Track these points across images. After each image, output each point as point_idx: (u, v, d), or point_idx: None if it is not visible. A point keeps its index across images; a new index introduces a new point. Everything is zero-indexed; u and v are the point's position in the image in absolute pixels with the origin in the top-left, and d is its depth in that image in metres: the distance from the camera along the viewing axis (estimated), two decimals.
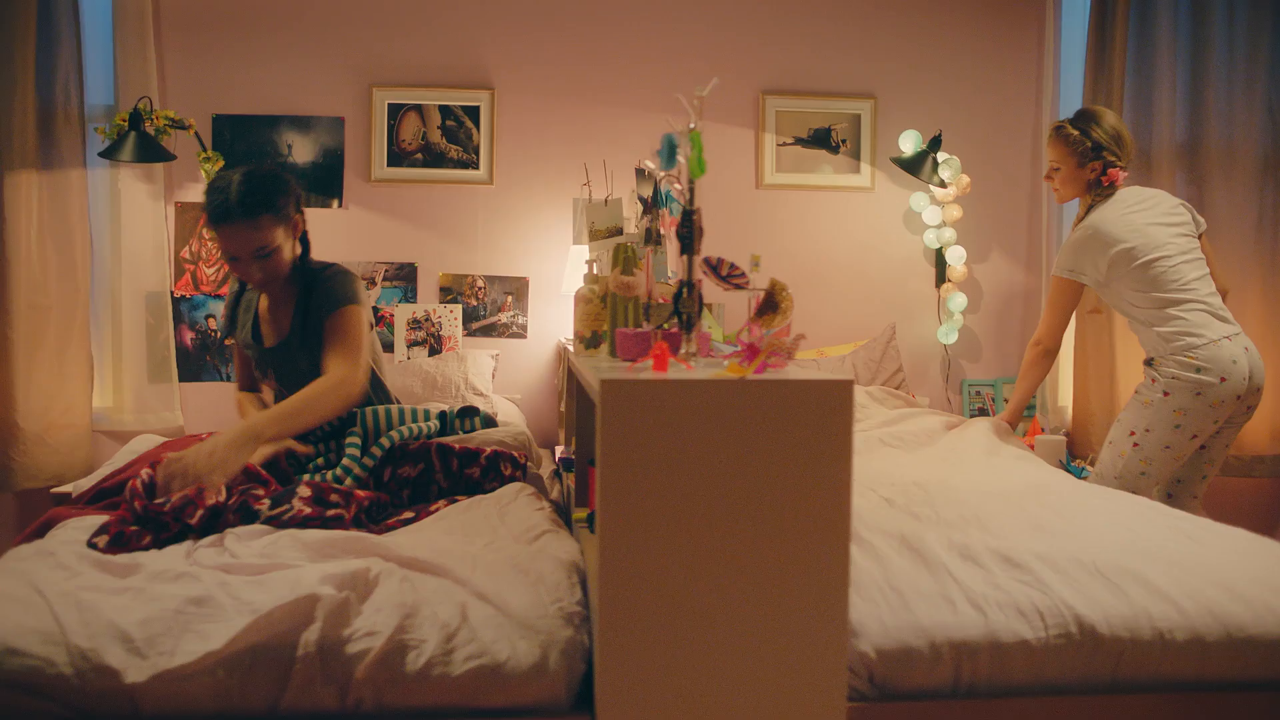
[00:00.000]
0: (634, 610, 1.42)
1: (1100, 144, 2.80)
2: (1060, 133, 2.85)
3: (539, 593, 1.59)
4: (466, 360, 3.39)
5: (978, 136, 3.75)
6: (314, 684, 1.43)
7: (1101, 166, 2.81)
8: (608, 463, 1.42)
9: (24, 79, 3.23)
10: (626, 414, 1.41)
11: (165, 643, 1.41)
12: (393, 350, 3.51)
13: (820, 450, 1.45)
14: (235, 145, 3.47)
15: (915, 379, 3.74)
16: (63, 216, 3.30)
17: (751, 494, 1.43)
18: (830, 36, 3.70)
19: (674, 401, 1.42)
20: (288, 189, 2.29)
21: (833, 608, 1.45)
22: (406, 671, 1.44)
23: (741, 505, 1.43)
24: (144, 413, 3.43)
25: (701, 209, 1.71)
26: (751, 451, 1.43)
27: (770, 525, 1.43)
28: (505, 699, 1.46)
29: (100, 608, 1.46)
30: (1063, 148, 2.85)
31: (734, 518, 1.43)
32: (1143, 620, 1.60)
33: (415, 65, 3.55)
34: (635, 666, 1.42)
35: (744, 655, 1.44)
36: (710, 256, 1.77)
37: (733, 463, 1.43)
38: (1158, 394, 2.68)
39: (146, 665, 1.39)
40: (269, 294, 2.40)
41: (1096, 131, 2.81)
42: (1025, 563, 1.74)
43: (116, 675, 1.38)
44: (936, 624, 1.58)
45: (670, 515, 1.42)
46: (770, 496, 1.44)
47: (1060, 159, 2.86)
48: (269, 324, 2.42)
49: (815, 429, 1.45)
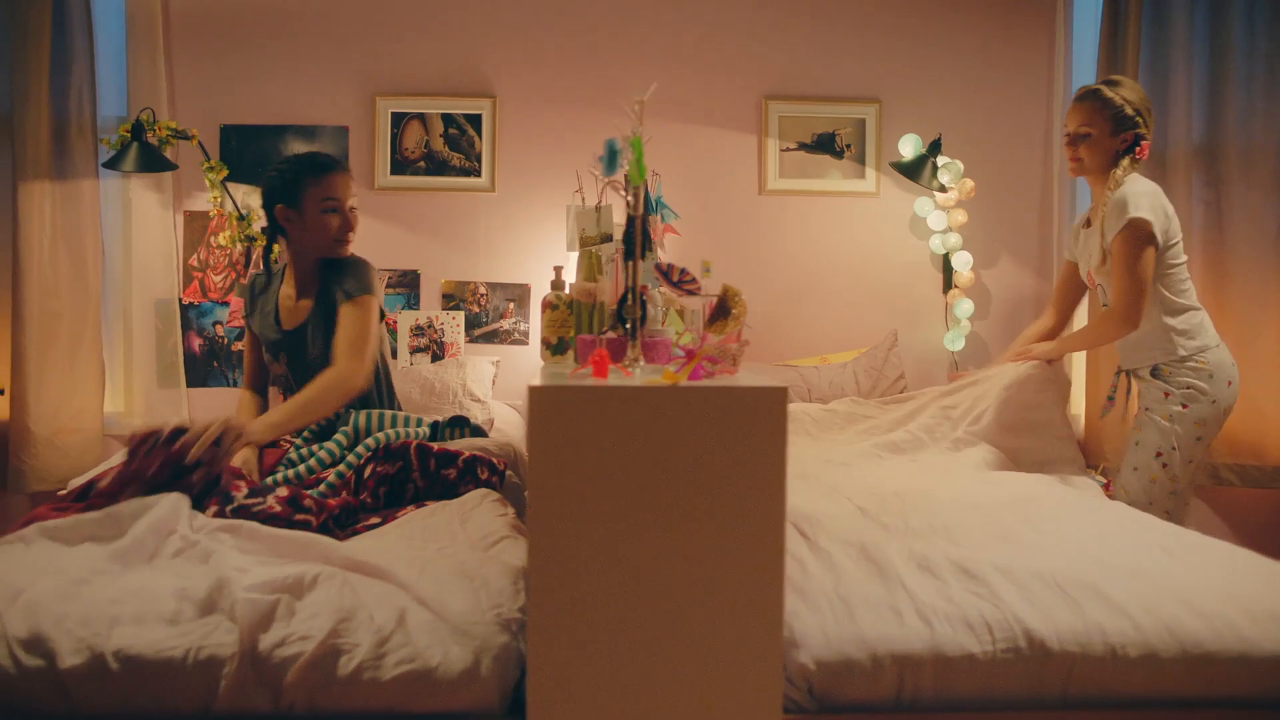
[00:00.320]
0: (564, 618, 1.41)
1: (1139, 110, 2.68)
2: (1098, 95, 2.69)
3: (479, 598, 1.59)
4: (466, 367, 3.41)
5: (985, 139, 3.69)
6: (246, 687, 1.44)
7: (1133, 138, 2.68)
8: (537, 469, 1.41)
9: (38, 91, 3.32)
10: (555, 420, 1.41)
11: (97, 638, 1.43)
12: (395, 356, 3.54)
13: (754, 458, 1.43)
14: (243, 155, 3.53)
15: (921, 386, 3.68)
16: (75, 225, 3.38)
17: (684, 501, 1.42)
18: (834, 40, 3.67)
19: (603, 408, 1.42)
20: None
21: (767, 617, 1.44)
22: (338, 675, 1.45)
23: (674, 513, 1.42)
24: (153, 417, 3.50)
25: (648, 215, 1.69)
26: (684, 459, 1.42)
27: (703, 533, 1.42)
28: (435, 704, 1.46)
29: (42, 598, 1.49)
30: (1098, 111, 2.67)
31: (666, 525, 1.42)
32: (1095, 635, 1.56)
33: (418, 74, 3.59)
34: (566, 675, 1.42)
35: (677, 665, 1.42)
36: (661, 262, 1.76)
37: (665, 470, 1.42)
38: (1175, 407, 2.61)
39: (75, 658, 1.41)
40: (300, 273, 2.58)
41: (1134, 97, 2.69)
42: (982, 575, 1.70)
43: (50, 667, 1.40)
44: (880, 635, 1.55)
45: (601, 522, 1.42)
46: (703, 504, 1.42)
47: (1094, 123, 2.67)
48: (288, 311, 2.59)
49: (749, 437, 1.43)
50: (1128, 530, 2.03)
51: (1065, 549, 1.86)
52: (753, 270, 3.67)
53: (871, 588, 1.68)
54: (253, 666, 1.44)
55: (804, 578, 1.73)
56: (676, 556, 1.42)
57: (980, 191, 3.60)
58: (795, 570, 1.77)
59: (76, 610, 1.48)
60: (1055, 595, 1.64)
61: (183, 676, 1.43)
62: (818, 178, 3.68)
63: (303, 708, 1.46)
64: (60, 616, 1.46)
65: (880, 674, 1.53)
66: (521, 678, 1.52)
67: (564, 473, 1.41)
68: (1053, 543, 1.91)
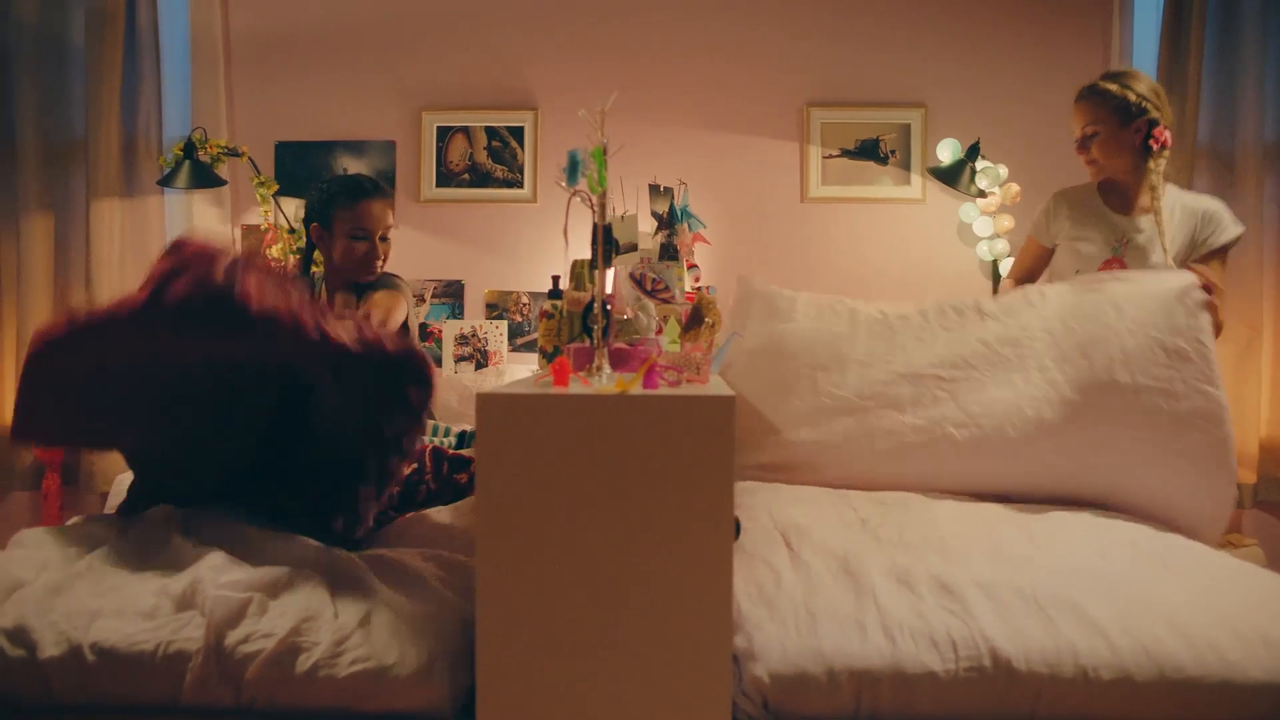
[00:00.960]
0: (512, 625, 1.43)
1: (1144, 97, 2.56)
2: (1094, 90, 2.60)
3: (442, 600, 1.62)
4: (505, 375, 3.47)
5: (1034, 142, 3.57)
6: (210, 681, 1.50)
7: (1147, 126, 2.56)
8: (485, 476, 1.44)
9: (110, 115, 3.52)
10: (503, 428, 1.43)
11: (76, 631, 1.51)
12: (440, 365, 3.62)
13: (701, 467, 1.43)
14: (296, 170, 3.67)
15: None
16: (142, 239, 3.57)
17: (631, 510, 1.42)
18: (877, 45, 3.61)
19: (551, 416, 1.43)
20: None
21: (716, 625, 1.43)
22: (295, 672, 1.49)
23: (621, 521, 1.43)
24: None
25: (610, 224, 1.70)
26: (631, 468, 1.43)
27: (650, 541, 1.42)
28: (387, 703, 1.49)
29: (33, 591, 1.58)
30: (1100, 107, 2.59)
31: (614, 534, 1.43)
32: (1066, 655, 1.49)
33: (462, 88, 3.68)
34: (514, 680, 1.44)
35: (625, 672, 1.43)
36: (635, 271, 1.77)
37: (612, 479, 1.43)
38: None
39: (54, 648, 1.49)
40: (332, 290, 2.71)
41: (1138, 85, 2.58)
42: (960, 590, 1.65)
43: (31, 656, 1.49)
44: (838, 650, 1.52)
45: (549, 529, 1.43)
46: (650, 512, 1.42)
47: (1098, 120, 2.59)
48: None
49: (696, 446, 1.43)
50: (1136, 545, 1.93)
51: (1057, 564, 1.78)
52: (797, 279, 3.62)
53: (842, 601, 1.65)
54: (217, 662, 1.50)
55: (776, 589, 1.71)
56: (624, 565, 1.43)
57: (1027, 196, 3.49)
58: (769, 581, 1.74)
59: (62, 604, 1.57)
60: (1031, 613, 1.58)
61: (152, 669, 1.50)
62: (861, 184, 3.63)
63: (263, 703, 1.51)
64: (48, 604, 1.54)
65: (836, 690, 1.50)
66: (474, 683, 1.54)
67: (512, 479, 1.43)
68: (1049, 557, 1.83)
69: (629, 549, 1.43)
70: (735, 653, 1.56)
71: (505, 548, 1.43)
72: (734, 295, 2.63)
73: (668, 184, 2.47)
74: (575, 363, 1.67)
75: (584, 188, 1.65)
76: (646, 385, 1.50)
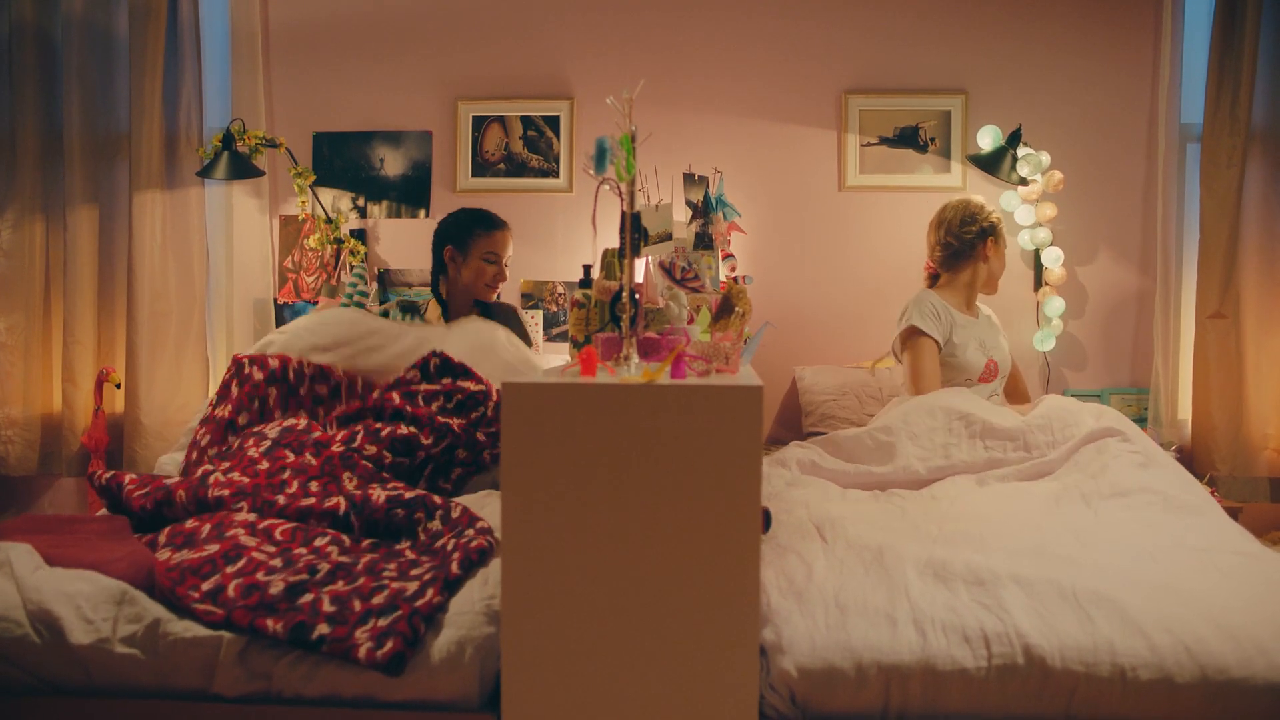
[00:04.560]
0: (537, 615, 1.43)
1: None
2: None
3: (472, 588, 1.62)
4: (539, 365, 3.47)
5: (1079, 129, 3.48)
6: (241, 670, 1.51)
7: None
8: (510, 465, 1.43)
9: (152, 107, 3.56)
10: (528, 418, 1.42)
11: (105, 622, 1.53)
12: None
13: (728, 457, 1.41)
14: (334, 161, 3.69)
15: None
16: (183, 230, 3.61)
17: (657, 499, 1.41)
18: (917, 30, 3.55)
19: (575, 406, 1.42)
20: None
21: (742, 617, 1.41)
22: None
23: (647, 510, 1.41)
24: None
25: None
26: (657, 457, 1.41)
27: (676, 531, 1.41)
28: (417, 691, 1.50)
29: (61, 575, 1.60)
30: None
31: (639, 523, 1.41)
32: (1103, 654, 1.46)
33: (498, 78, 3.67)
34: (540, 672, 1.43)
35: (651, 664, 1.42)
36: (664, 260, 1.75)
37: (638, 468, 1.41)
38: None
39: (89, 632, 1.51)
40: (455, 308, 3.00)
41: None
42: (995, 585, 1.62)
43: (63, 637, 1.51)
44: (867, 645, 1.50)
45: (573, 520, 1.42)
46: (677, 502, 1.41)
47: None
48: None
49: (724, 436, 1.41)
50: (1184, 545, 1.87)
51: (1101, 561, 1.74)
52: (834, 268, 3.59)
53: (874, 595, 1.63)
54: (241, 652, 1.51)
55: (806, 582, 1.69)
56: (649, 556, 1.42)
57: (1071, 184, 3.41)
58: (799, 573, 1.72)
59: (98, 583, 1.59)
60: (1069, 609, 1.54)
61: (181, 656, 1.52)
62: (900, 173, 3.57)
63: (290, 693, 1.52)
64: (75, 590, 1.56)
65: (865, 684, 1.48)
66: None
67: (537, 469, 1.43)
68: (1092, 555, 1.79)
69: (654, 540, 1.41)
70: (763, 645, 1.55)
71: (530, 538, 1.42)
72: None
73: (703, 172, 2.44)
74: (603, 352, 1.66)
75: (613, 175, 1.63)
76: (674, 375, 1.49)
